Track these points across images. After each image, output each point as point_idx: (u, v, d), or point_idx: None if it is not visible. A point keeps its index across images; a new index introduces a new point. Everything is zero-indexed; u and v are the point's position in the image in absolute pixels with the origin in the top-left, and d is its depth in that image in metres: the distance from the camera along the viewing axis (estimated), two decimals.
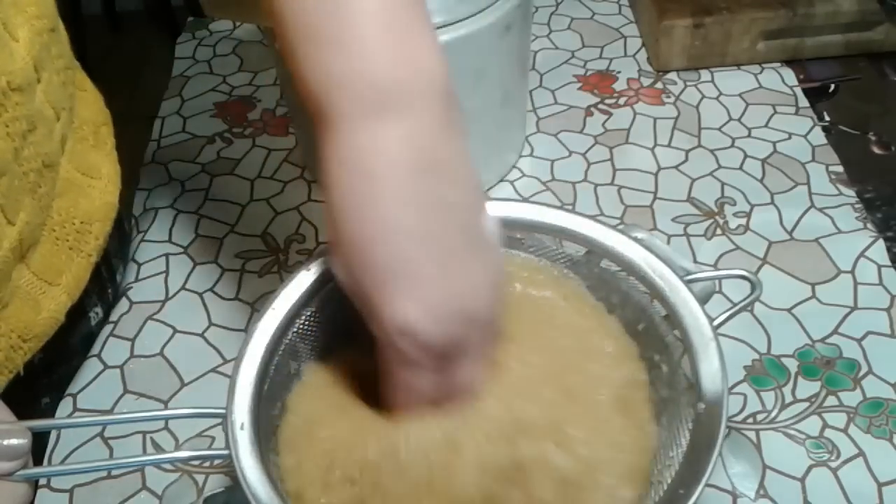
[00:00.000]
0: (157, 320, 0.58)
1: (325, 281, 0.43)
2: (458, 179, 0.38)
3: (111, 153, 0.57)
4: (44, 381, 0.54)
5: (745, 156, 0.67)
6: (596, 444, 0.41)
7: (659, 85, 0.73)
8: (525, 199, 0.64)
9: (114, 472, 0.50)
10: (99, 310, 0.58)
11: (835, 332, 0.55)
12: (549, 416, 0.41)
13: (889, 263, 0.58)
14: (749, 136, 0.68)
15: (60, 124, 0.48)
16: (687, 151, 0.68)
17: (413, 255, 0.36)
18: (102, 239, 0.53)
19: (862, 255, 0.59)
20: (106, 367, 0.56)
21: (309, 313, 0.44)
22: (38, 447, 0.51)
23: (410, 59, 0.37)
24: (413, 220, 0.36)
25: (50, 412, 0.54)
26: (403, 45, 0.37)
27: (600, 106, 0.72)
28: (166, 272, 0.61)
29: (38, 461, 0.51)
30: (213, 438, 0.52)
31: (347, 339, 0.45)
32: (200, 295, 0.60)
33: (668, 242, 0.61)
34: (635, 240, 0.45)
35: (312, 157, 0.67)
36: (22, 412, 0.52)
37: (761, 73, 0.74)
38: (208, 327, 0.58)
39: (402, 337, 0.37)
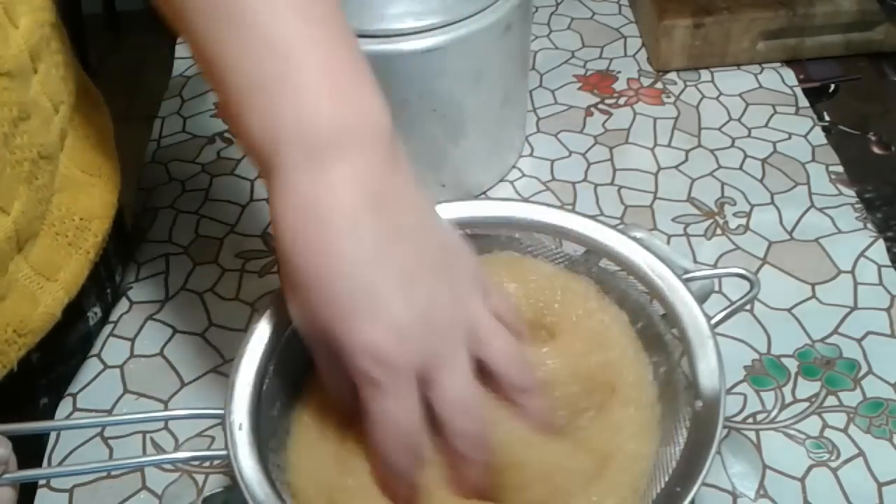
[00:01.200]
0: (157, 320, 0.58)
1: None
2: (408, 207, 0.39)
3: (112, 153, 0.57)
4: (42, 381, 0.54)
5: (745, 156, 0.67)
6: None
7: (659, 85, 0.73)
8: (525, 199, 0.64)
9: (113, 472, 0.50)
10: (98, 310, 0.57)
11: (835, 332, 0.55)
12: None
13: (889, 263, 0.58)
14: (749, 136, 0.68)
15: (59, 118, 0.48)
16: (687, 151, 0.68)
17: (373, 283, 0.37)
18: (101, 237, 0.53)
19: (862, 255, 0.59)
20: (106, 366, 0.56)
21: None
22: (38, 447, 0.51)
23: (352, 105, 0.38)
24: (369, 252, 0.37)
25: (49, 412, 0.54)
26: (345, 93, 0.38)
27: (600, 106, 0.72)
28: (166, 272, 0.61)
29: (37, 461, 0.51)
30: (213, 438, 0.52)
31: None
32: (200, 295, 0.60)
33: (668, 242, 0.61)
34: (634, 239, 0.45)
35: None
36: (20, 412, 0.52)
37: (761, 73, 0.74)
38: (208, 327, 0.58)
39: (373, 363, 0.36)
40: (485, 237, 0.48)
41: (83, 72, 0.57)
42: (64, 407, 0.54)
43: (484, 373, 0.40)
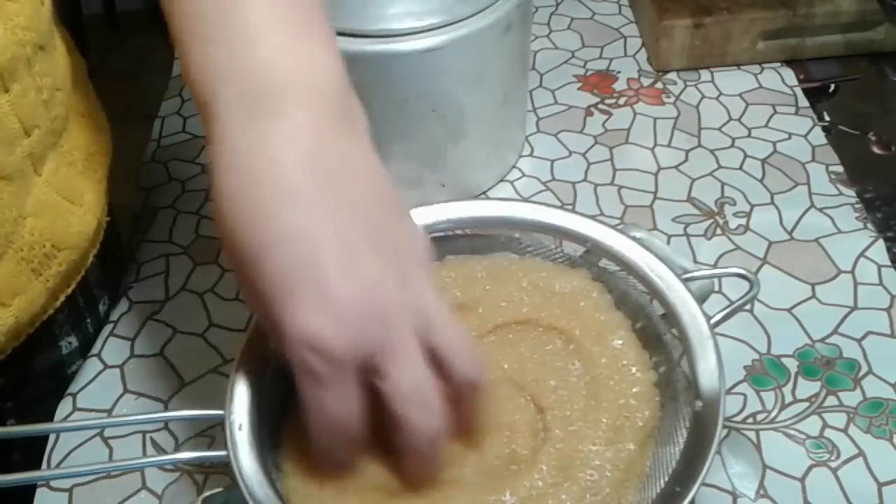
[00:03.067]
0: (157, 320, 0.58)
1: None
2: (356, 177, 0.35)
3: (101, 182, 0.54)
4: (8, 404, 0.53)
5: (745, 156, 0.67)
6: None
7: (659, 85, 0.73)
8: (525, 199, 0.64)
9: (113, 473, 0.50)
10: (73, 339, 0.56)
11: (835, 332, 0.55)
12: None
13: (889, 263, 0.58)
14: (749, 136, 0.68)
15: (31, 141, 0.45)
16: (687, 151, 0.68)
17: (310, 260, 0.33)
18: (66, 267, 0.50)
19: (862, 255, 0.59)
20: (106, 366, 0.56)
21: None
22: (37, 448, 0.51)
23: (300, 56, 0.35)
24: (308, 223, 0.33)
25: (20, 440, 0.52)
26: (293, 42, 0.35)
27: (600, 106, 0.72)
28: (166, 272, 0.61)
29: (37, 461, 0.51)
30: (213, 438, 0.52)
31: None
32: (201, 295, 0.60)
33: (668, 242, 0.61)
34: (634, 239, 0.45)
35: None
36: None
37: (761, 73, 0.74)
38: (208, 327, 0.58)
39: (310, 352, 0.33)
40: (485, 237, 0.48)
41: (91, 99, 0.55)
42: (64, 407, 0.54)
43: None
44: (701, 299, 0.43)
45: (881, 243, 0.59)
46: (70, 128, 0.51)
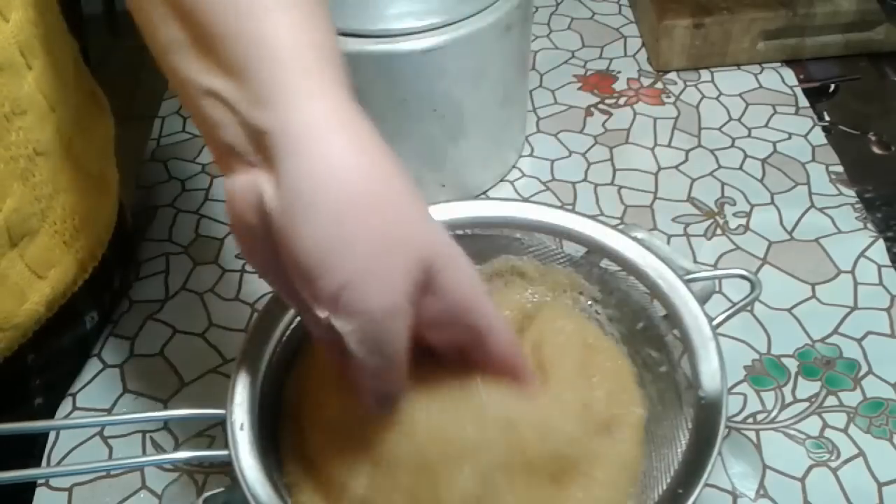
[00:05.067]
0: (157, 320, 0.58)
1: None
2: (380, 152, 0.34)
3: (112, 159, 0.57)
4: (36, 381, 0.53)
5: (745, 156, 0.67)
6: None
7: (659, 85, 0.73)
8: (525, 199, 0.64)
9: (113, 472, 0.50)
10: (95, 314, 0.57)
11: (835, 332, 0.55)
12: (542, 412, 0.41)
13: (889, 263, 0.58)
14: (749, 136, 0.68)
15: (57, 116, 0.48)
16: (687, 151, 0.68)
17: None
18: (93, 240, 0.53)
19: (862, 255, 0.59)
20: (106, 366, 0.56)
21: None
22: (37, 446, 0.51)
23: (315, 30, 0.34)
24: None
25: (44, 413, 0.54)
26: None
27: (600, 106, 0.72)
28: (166, 271, 0.61)
29: (37, 460, 0.51)
30: (213, 438, 0.52)
31: None
32: (201, 295, 0.60)
33: (669, 242, 0.61)
34: (635, 240, 0.45)
35: None
36: (15, 412, 0.52)
37: (761, 73, 0.74)
38: (208, 327, 0.58)
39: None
40: (485, 237, 0.48)
41: (91, 77, 0.57)
42: (64, 406, 0.54)
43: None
44: (703, 300, 0.43)
45: (881, 243, 0.59)
46: (83, 106, 0.53)
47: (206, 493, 0.45)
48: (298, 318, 0.43)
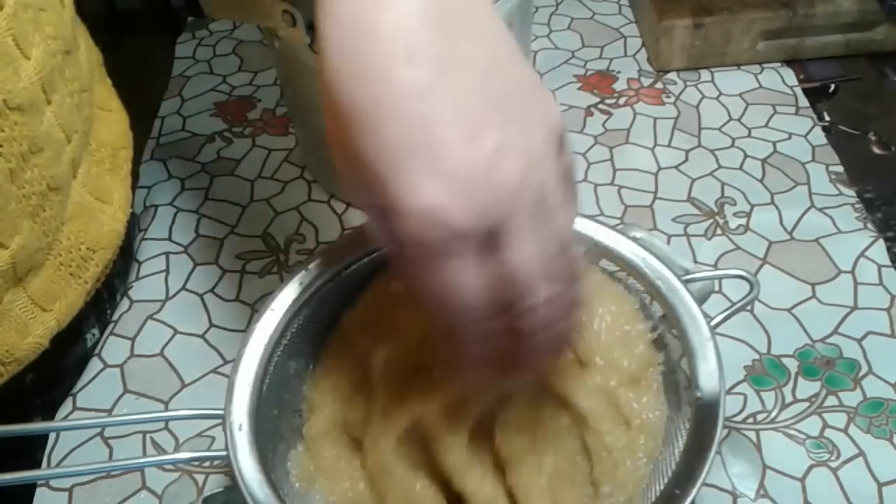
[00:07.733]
0: (158, 320, 0.58)
1: (325, 281, 0.43)
2: (479, 32, 0.32)
3: (126, 178, 0.55)
4: (36, 401, 0.53)
5: (745, 156, 0.67)
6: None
7: (659, 85, 0.73)
8: None
9: (113, 473, 0.50)
10: (96, 331, 0.56)
11: (835, 332, 0.55)
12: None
13: (889, 263, 0.58)
14: (749, 136, 0.68)
15: (71, 147, 0.47)
16: (687, 151, 0.68)
17: (430, 121, 0.30)
18: (102, 266, 0.52)
19: (862, 255, 0.59)
20: (106, 366, 0.56)
21: (308, 313, 0.44)
22: (37, 448, 0.51)
23: None
24: (425, 79, 0.30)
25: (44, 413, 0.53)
26: None
27: (600, 106, 0.72)
28: (167, 271, 0.61)
29: (37, 460, 0.51)
30: (213, 438, 0.52)
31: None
32: (201, 296, 0.60)
33: (669, 242, 0.61)
34: (634, 239, 0.45)
35: (312, 157, 0.67)
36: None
37: (761, 73, 0.74)
38: (209, 328, 0.58)
39: (432, 227, 0.30)
40: None
41: (110, 90, 0.55)
42: (64, 407, 0.54)
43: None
44: (701, 300, 0.43)
45: (881, 243, 0.59)
46: (94, 125, 0.51)
47: (206, 493, 0.45)
48: (299, 319, 0.43)
